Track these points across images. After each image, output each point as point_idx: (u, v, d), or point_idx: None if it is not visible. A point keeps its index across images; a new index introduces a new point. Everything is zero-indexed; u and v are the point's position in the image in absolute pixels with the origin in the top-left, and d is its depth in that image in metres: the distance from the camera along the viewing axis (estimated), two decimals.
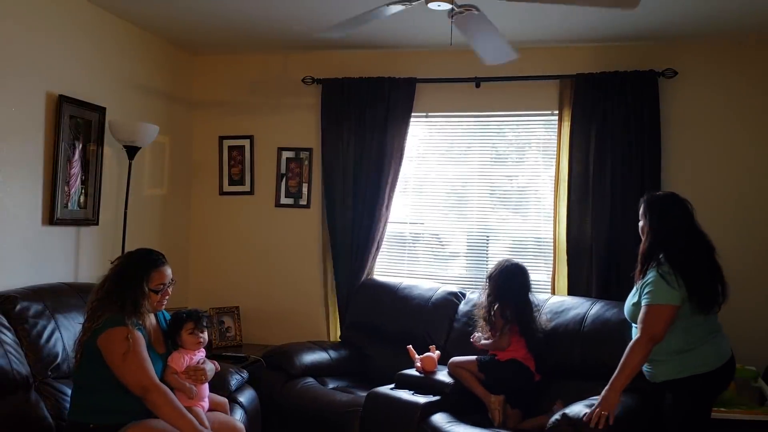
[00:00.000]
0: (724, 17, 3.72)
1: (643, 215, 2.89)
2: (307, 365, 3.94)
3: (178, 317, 2.92)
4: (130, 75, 4.26)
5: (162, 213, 4.66)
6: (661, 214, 2.83)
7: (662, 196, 2.95)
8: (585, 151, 4.16)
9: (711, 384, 2.78)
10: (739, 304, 3.99)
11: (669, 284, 2.68)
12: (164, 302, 2.83)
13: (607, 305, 3.69)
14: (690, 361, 2.74)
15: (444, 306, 4.16)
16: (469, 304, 4.10)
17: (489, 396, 3.43)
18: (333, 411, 3.58)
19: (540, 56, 4.34)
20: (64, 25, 3.67)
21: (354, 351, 4.28)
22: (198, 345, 2.92)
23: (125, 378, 2.56)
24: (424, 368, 3.65)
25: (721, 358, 2.77)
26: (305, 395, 3.75)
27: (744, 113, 4.09)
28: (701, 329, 2.76)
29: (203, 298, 4.81)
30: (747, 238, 4.03)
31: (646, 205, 2.89)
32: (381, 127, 4.46)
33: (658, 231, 2.79)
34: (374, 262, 4.55)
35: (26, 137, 3.43)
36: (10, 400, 2.74)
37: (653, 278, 2.73)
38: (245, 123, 4.89)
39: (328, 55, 4.69)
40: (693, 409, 2.79)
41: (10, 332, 2.88)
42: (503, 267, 3.67)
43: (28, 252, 3.47)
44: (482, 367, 3.54)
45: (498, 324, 3.58)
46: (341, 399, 3.64)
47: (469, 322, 4.00)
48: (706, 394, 2.80)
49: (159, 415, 2.57)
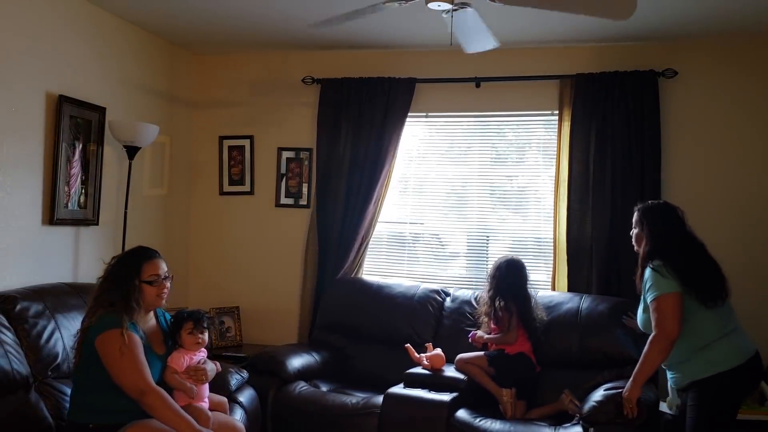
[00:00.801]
0: (724, 17, 3.72)
1: (639, 224, 2.99)
2: (299, 369, 3.82)
3: (179, 317, 2.92)
4: (130, 75, 4.26)
5: (162, 213, 4.66)
6: (657, 222, 2.93)
7: (657, 205, 3.04)
8: (585, 151, 4.16)
9: (734, 382, 2.75)
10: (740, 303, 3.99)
11: (662, 275, 2.77)
12: (163, 296, 2.80)
13: (597, 299, 3.86)
14: (710, 358, 2.75)
15: (429, 303, 4.17)
16: (456, 302, 4.15)
17: (500, 390, 3.50)
18: (345, 414, 3.50)
19: (540, 56, 4.34)
20: (64, 25, 3.68)
21: (334, 353, 4.20)
22: (197, 345, 2.91)
23: (121, 380, 2.56)
24: (433, 366, 3.68)
25: (741, 354, 2.76)
26: (309, 400, 3.63)
27: (744, 113, 4.09)
28: (712, 324, 2.78)
29: (203, 298, 4.81)
30: (747, 237, 4.02)
31: (642, 214, 2.99)
32: (379, 127, 4.46)
33: (657, 238, 2.88)
34: (361, 260, 4.53)
35: (26, 137, 3.43)
36: (10, 400, 2.74)
37: (648, 274, 2.83)
38: (245, 123, 4.89)
39: (328, 55, 4.69)
40: (713, 410, 2.76)
41: (10, 332, 2.88)
42: (502, 263, 3.78)
43: (28, 252, 3.47)
44: (492, 362, 3.61)
45: (504, 319, 3.66)
46: (351, 402, 3.57)
47: (461, 319, 4.05)
48: (728, 394, 2.77)
49: (156, 418, 2.56)
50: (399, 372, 3.90)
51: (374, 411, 3.46)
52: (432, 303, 4.17)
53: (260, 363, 3.81)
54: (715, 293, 2.80)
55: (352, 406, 3.54)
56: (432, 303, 4.17)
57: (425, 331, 4.08)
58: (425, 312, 4.13)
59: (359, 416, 3.48)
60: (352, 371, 4.13)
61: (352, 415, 3.50)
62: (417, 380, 3.61)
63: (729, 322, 2.83)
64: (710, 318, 2.78)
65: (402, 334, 4.07)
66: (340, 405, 3.56)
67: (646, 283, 2.83)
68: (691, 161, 4.14)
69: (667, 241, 2.87)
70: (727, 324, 2.82)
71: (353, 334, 4.26)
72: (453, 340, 3.95)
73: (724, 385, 2.74)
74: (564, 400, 3.42)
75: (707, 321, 2.78)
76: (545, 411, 3.49)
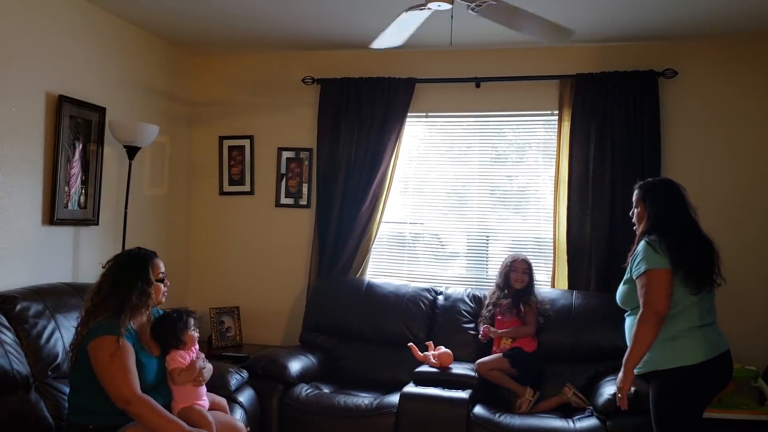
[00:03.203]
0: (724, 17, 3.72)
1: (641, 201, 2.89)
2: (301, 372, 3.80)
3: (174, 317, 2.90)
4: (130, 75, 4.26)
5: (162, 213, 4.66)
6: (660, 199, 2.84)
7: (660, 182, 2.97)
8: (585, 151, 4.17)
9: (697, 380, 2.64)
10: (740, 304, 4.01)
11: (655, 251, 2.67)
12: (166, 294, 2.83)
13: (588, 295, 4.01)
14: (677, 350, 2.65)
15: (420, 301, 4.17)
16: (450, 300, 4.18)
17: (524, 389, 3.61)
18: (359, 415, 3.49)
19: (540, 56, 4.34)
20: (64, 25, 3.68)
21: (326, 354, 4.17)
22: (194, 342, 2.93)
23: (107, 388, 2.53)
24: (442, 363, 3.71)
25: (710, 350, 2.64)
26: (318, 402, 3.60)
27: (744, 113, 4.09)
28: (690, 313, 2.68)
29: (203, 298, 4.81)
30: (747, 237, 4.03)
31: (644, 192, 2.90)
32: (379, 127, 4.46)
33: (657, 215, 2.80)
34: (365, 260, 4.52)
35: (26, 137, 3.43)
36: (10, 400, 2.74)
37: (641, 248, 2.73)
38: (245, 123, 4.89)
39: (328, 55, 4.69)
40: (676, 405, 2.65)
41: (10, 332, 2.88)
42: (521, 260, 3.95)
43: (28, 252, 3.47)
44: (513, 363, 3.69)
45: (528, 312, 3.79)
46: (365, 402, 3.55)
47: (456, 317, 4.08)
48: (692, 390, 2.65)
49: (144, 426, 2.52)
50: (394, 371, 3.95)
51: (390, 411, 3.46)
52: (423, 301, 4.18)
53: (260, 366, 3.75)
54: (703, 279, 2.70)
55: (365, 407, 3.52)
56: (423, 301, 4.18)
57: (420, 330, 4.09)
58: (418, 310, 4.14)
59: (374, 417, 3.47)
60: (345, 372, 4.11)
61: (366, 416, 3.49)
62: (428, 379, 3.62)
63: (707, 316, 2.72)
64: (690, 306, 2.68)
65: (396, 334, 4.08)
66: (353, 406, 3.53)
67: (637, 256, 2.74)
68: (691, 161, 4.14)
69: (667, 219, 2.78)
70: (705, 317, 2.70)
71: (343, 334, 4.24)
72: (448, 337, 3.99)
73: (688, 380, 2.63)
74: (566, 393, 3.54)
75: (687, 309, 2.67)
76: (549, 404, 3.58)
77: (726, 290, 4.03)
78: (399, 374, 3.90)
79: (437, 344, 3.87)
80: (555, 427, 3.30)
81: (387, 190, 4.48)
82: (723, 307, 4.05)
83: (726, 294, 4.01)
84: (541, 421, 3.37)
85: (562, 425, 3.31)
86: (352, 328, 4.20)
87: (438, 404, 3.43)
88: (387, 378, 3.95)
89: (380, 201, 4.47)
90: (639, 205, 2.91)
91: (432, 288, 4.29)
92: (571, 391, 3.54)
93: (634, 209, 2.96)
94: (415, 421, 3.41)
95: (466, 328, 4.04)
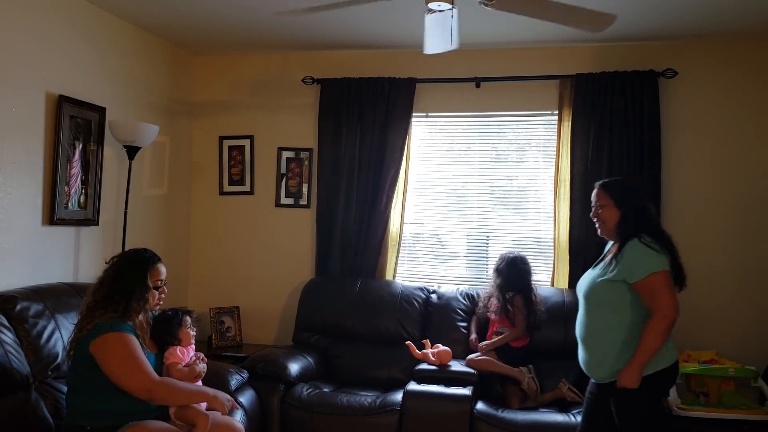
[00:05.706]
0: (724, 17, 3.72)
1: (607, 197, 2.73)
2: (300, 371, 3.81)
3: (171, 316, 2.92)
4: (130, 75, 4.26)
5: (162, 213, 4.66)
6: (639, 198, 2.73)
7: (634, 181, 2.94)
8: (585, 151, 4.17)
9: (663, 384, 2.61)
10: (740, 304, 4.01)
11: (657, 252, 2.55)
12: (162, 301, 2.84)
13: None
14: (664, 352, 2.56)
15: (414, 300, 4.20)
16: (444, 298, 4.21)
17: (519, 370, 3.66)
18: (363, 413, 3.51)
19: (540, 56, 4.34)
20: (64, 25, 3.67)
21: (320, 353, 4.17)
22: (191, 340, 2.95)
23: (125, 384, 2.55)
24: (441, 361, 3.73)
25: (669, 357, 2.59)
26: (321, 402, 3.61)
27: (744, 113, 4.09)
28: None
29: (203, 298, 4.81)
30: (747, 238, 4.03)
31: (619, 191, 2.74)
32: (381, 127, 4.46)
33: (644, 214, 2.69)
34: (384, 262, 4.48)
35: (26, 137, 3.43)
36: (10, 400, 2.74)
37: (637, 248, 2.58)
38: (245, 123, 4.89)
39: (328, 55, 4.69)
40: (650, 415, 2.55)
41: (10, 332, 2.88)
42: (509, 259, 3.91)
43: (28, 252, 3.47)
44: (502, 355, 3.75)
45: (516, 313, 3.79)
46: (368, 401, 3.58)
47: (450, 315, 4.10)
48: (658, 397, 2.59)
49: (173, 404, 2.65)
50: (390, 369, 3.98)
51: (394, 409, 3.49)
52: (417, 300, 4.20)
53: (260, 367, 3.75)
54: (683, 277, 2.64)
55: (369, 405, 3.54)
56: (417, 300, 4.20)
57: (414, 328, 4.11)
58: (412, 309, 4.16)
59: (378, 415, 3.50)
60: (341, 371, 4.11)
61: (370, 414, 3.51)
62: (428, 376, 3.65)
63: None
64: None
65: (391, 332, 4.10)
66: (357, 405, 3.55)
67: (631, 257, 2.58)
68: (691, 161, 4.14)
69: (651, 218, 2.69)
70: None
71: (335, 333, 4.25)
72: (444, 336, 4.02)
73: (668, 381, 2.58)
74: (562, 389, 3.62)
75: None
76: (544, 399, 3.65)
77: (726, 290, 4.06)
78: (395, 372, 3.95)
79: (433, 343, 3.90)
80: (557, 421, 3.35)
81: (404, 190, 4.47)
82: (723, 307, 4.08)
83: (726, 294, 4.04)
84: (542, 415, 3.44)
85: (563, 419, 3.37)
86: (346, 327, 4.21)
87: (441, 401, 3.46)
88: (383, 376, 3.98)
89: (392, 202, 4.44)
90: (607, 203, 2.73)
91: (425, 287, 4.32)
92: (566, 386, 3.61)
93: (597, 208, 2.77)
94: (419, 418, 3.44)
95: (460, 327, 4.08)
